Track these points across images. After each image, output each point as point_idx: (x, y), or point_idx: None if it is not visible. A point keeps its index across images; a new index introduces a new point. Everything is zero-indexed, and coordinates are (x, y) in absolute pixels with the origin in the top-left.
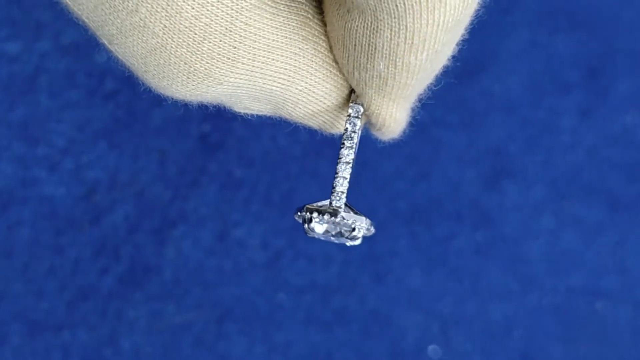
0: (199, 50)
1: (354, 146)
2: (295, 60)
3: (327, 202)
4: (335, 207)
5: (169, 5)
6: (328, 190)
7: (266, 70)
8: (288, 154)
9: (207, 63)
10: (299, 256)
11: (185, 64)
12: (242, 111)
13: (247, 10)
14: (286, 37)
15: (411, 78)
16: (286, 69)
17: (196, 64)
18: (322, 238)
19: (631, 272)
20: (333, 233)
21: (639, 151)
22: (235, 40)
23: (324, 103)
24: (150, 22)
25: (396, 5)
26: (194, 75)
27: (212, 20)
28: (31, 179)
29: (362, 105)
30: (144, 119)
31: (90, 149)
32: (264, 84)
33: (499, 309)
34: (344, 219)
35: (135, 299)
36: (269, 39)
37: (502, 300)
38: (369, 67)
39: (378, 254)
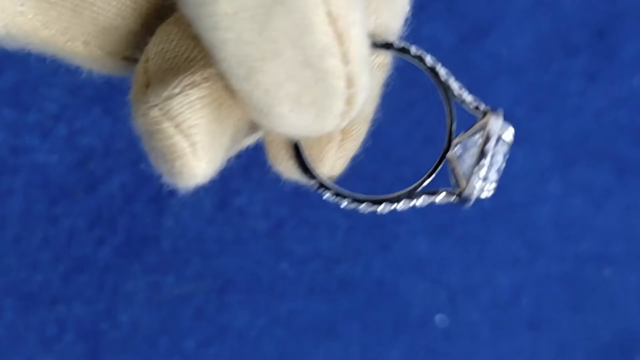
0: None
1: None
2: None
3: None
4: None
5: None
6: None
7: None
8: None
9: None
10: (301, 224)
11: None
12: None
13: None
14: None
15: None
16: None
17: None
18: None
19: None
20: None
21: None
22: None
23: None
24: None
25: None
26: None
27: None
28: (23, 147)
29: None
30: None
31: (84, 115)
32: None
33: (507, 277)
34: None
35: (133, 271)
36: None
37: (509, 267)
38: None
39: (383, 222)
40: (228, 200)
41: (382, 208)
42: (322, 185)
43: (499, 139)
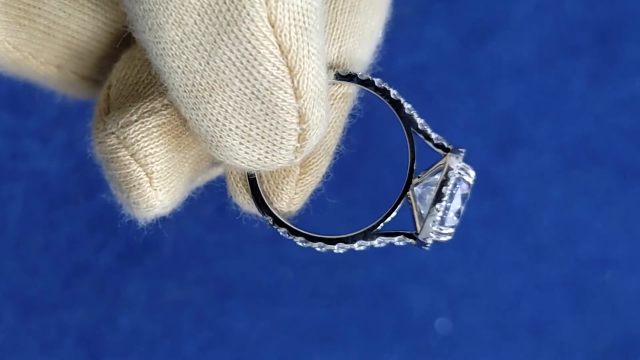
0: None
1: None
2: None
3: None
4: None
5: None
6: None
7: None
8: None
9: None
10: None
11: None
12: None
13: None
14: None
15: None
16: None
17: None
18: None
19: None
20: None
21: None
22: None
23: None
24: None
25: None
26: None
27: None
28: (23, 153)
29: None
30: None
31: (83, 120)
32: None
33: (508, 281)
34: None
35: (133, 276)
36: None
37: (510, 271)
38: None
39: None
40: (228, 205)
41: (337, 248)
42: (277, 221)
43: (458, 180)
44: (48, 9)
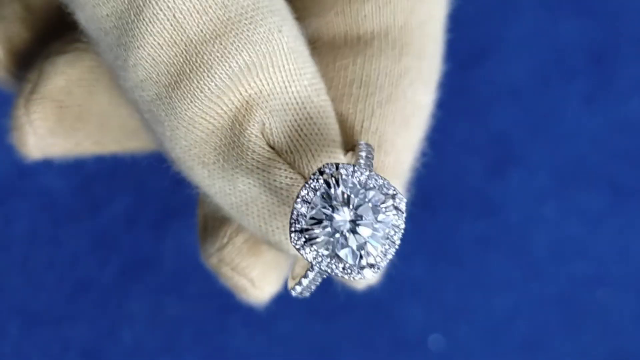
0: None
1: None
2: None
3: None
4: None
5: None
6: None
7: None
8: None
9: None
10: None
11: None
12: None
13: None
14: None
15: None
16: None
17: None
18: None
19: (634, 260)
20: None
21: None
22: None
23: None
24: None
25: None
26: None
27: None
28: (29, 171)
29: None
30: None
31: None
32: None
33: (502, 298)
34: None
35: (135, 291)
36: None
37: (504, 289)
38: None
39: None
40: None
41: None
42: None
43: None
44: (98, 108)
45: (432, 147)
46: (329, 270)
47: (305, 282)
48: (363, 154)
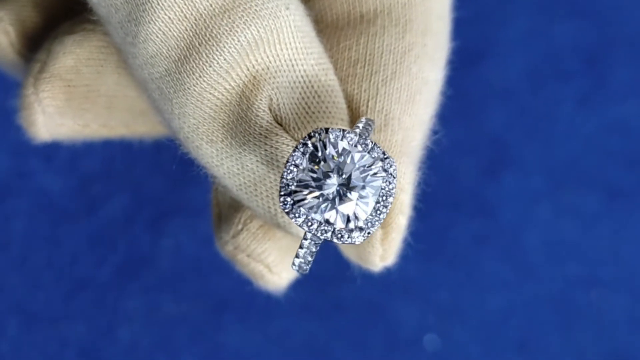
0: None
1: None
2: None
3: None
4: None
5: None
6: None
7: None
8: None
9: None
10: None
11: None
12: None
13: None
14: None
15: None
16: None
17: None
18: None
19: (628, 261)
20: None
21: (636, 140)
22: None
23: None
24: None
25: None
26: None
27: None
28: (27, 170)
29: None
30: None
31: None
32: None
33: (496, 299)
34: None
35: (132, 290)
36: None
37: (498, 289)
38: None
39: None
40: None
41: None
42: None
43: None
44: (106, 88)
45: (427, 148)
46: (320, 235)
47: (301, 252)
48: (360, 125)
